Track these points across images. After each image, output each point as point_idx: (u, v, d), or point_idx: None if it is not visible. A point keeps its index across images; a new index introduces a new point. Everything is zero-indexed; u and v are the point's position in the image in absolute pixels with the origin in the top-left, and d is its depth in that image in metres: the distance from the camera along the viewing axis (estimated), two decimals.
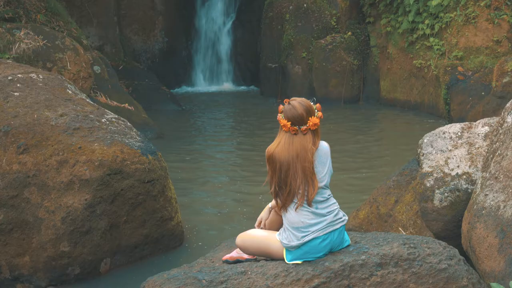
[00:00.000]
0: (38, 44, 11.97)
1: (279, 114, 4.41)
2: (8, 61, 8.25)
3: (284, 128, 4.37)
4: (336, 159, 4.49)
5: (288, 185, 4.35)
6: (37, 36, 12.12)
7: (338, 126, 14.97)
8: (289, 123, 4.35)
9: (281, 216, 4.59)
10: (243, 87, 21.89)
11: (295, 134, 4.35)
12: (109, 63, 15.45)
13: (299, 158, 4.32)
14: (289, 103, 4.41)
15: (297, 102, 4.40)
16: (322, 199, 4.40)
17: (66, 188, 6.36)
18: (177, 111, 16.96)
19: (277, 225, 4.70)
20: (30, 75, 7.52)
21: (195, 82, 21.88)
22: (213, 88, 21.65)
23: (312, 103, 4.46)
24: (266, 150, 4.43)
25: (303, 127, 4.35)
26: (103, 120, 7.06)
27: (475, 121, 6.38)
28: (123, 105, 13.51)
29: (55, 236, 6.27)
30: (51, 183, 6.38)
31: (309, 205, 4.36)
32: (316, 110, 4.43)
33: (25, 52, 11.79)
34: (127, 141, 6.82)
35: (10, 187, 6.33)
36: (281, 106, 4.44)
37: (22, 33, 12.02)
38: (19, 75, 7.44)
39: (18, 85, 7.25)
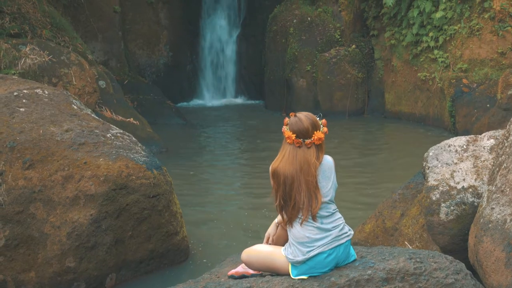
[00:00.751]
0: (43, 59, 12.02)
1: (284, 127, 4.42)
2: (14, 76, 8.28)
3: (288, 140, 4.37)
4: (340, 172, 4.47)
5: (293, 198, 4.34)
6: (42, 51, 12.18)
7: (343, 139, 14.96)
8: (294, 135, 4.35)
9: (287, 231, 4.58)
10: (247, 101, 21.92)
11: (299, 147, 4.35)
12: (114, 78, 15.49)
13: (302, 171, 4.32)
14: (295, 116, 4.42)
15: (304, 116, 4.41)
16: (327, 213, 4.39)
17: (71, 204, 6.37)
18: (182, 125, 16.98)
19: (283, 240, 4.68)
20: (35, 90, 7.54)
21: (200, 96, 21.92)
22: (218, 102, 21.69)
23: (318, 118, 4.47)
24: (270, 166, 4.42)
25: (308, 141, 4.35)
26: (108, 135, 7.06)
27: (480, 134, 6.37)
28: (128, 119, 13.53)
29: (60, 251, 6.26)
30: (56, 199, 6.38)
31: (314, 219, 4.35)
32: (321, 125, 4.43)
33: (30, 68, 11.84)
34: (132, 156, 6.83)
35: (16, 203, 6.33)
36: (287, 119, 4.44)
37: (27, 48, 12.07)
38: (25, 91, 7.46)
39: (24, 100, 7.27)
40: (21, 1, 13.24)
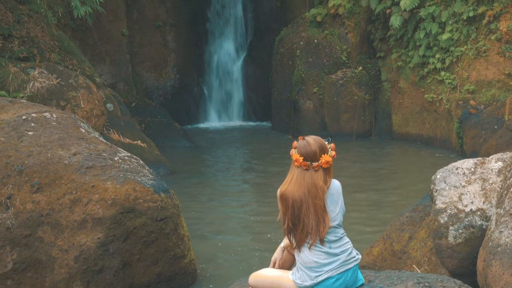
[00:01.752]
0: (52, 82, 12.08)
1: (292, 150, 4.43)
2: (22, 100, 8.33)
3: (296, 163, 4.37)
4: (348, 194, 4.47)
5: (301, 221, 4.33)
6: (51, 75, 12.25)
7: (350, 161, 14.94)
8: (301, 158, 4.36)
9: (293, 255, 4.56)
10: (254, 123, 21.96)
11: (306, 169, 4.35)
12: (122, 101, 15.56)
13: (310, 194, 4.32)
14: (303, 139, 4.43)
15: (312, 139, 4.42)
16: (335, 238, 4.37)
17: (79, 227, 6.37)
18: (189, 147, 17.01)
19: (289, 264, 4.67)
20: (44, 114, 7.58)
21: (207, 118, 21.98)
22: (225, 124, 21.74)
23: (326, 142, 4.47)
24: (278, 189, 4.42)
25: (315, 164, 4.36)
26: (115, 159, 7.08)
27: (488, 155, 6.36)
28: (135, 142, 13.57)
29: (68, 275, 6.26)
30: (64, 222, 6.39)
31: (322, 243, 4.33)
32: (330, 149, 4.44)
33: (39, 91, 11.90)
34: (139, 179, 6.84)
35: (24, 226, 6.34)
36: (295, 142, 4.45)
37: (36, 72, 12.15)
38: (33, 115, 7.50)
39: (32, 124, 7.30)
40: (30, 25, 13.35)
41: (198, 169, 14.51)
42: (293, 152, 4.41)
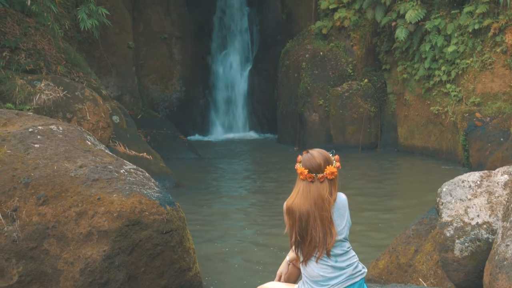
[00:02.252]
0: (58, 95, 12.13)
1: (297, 164, 4.44)
2: (29, 113, 8.36)
3: (301, 176, 4.38)
4: (353, 207, 4.46)
5: (309, 234, 4.33)
6: (57, 87, 12.30)
7: (355, 174, 14.92)
8: (306, 170, 4.37)
9: (299, 269, 4.55)
10: (260, 135, 21.97)
11: (311, 181, 4.36)
12: (128, 113, 15.60)
13: (317, 206, 4.32)
14: (308, 153, 4.44)
15: (316, 152, 4.43)
16: (341, 251, 4.37)
17: (84, 240, 6.37)
18: (195, 159, 17.02)
19: (294, 278, 4.66)
20: (50, 126, 7.60)
21: (213, 130, 22.01)
22: (231, 136, 21.76)
23: (331, 154, 4.48)
24: (284, 203, 4.42)
25: (320, 175, 4.36)
26: (121, 171, 7.09)
27: (494, 168, 6.35)
28: (141, 154, 13.59)
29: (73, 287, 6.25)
30: (70, 235, 6.39)
31: (328, 255, 4.33)
32: (334, 161, 4.45)
33: (45, 103, 11.95)
34: (145, 192, 6.84)
35: (30, 239, 6.34)
36: (300, 157, 4.46)
37: (42, 84, 12.20)
38: (40, 127, 7.52)
39: (39, 136, 7.32)
40: (36, 38, 13.42)
41: (204, 181, 14.51)
42: (298, 166, 4.43)
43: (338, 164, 4.45)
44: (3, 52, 12.61)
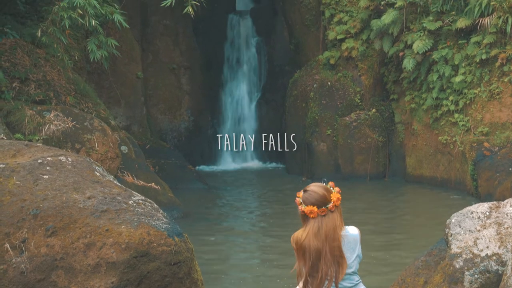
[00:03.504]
0: (67, 125, 12.20)
1: (299, 206, 4.34)
2: (38, 144, 8.40)
3: (312, 215, 4.31)
4: (362, 237, 4.42)
5: (320, 270, 4.30)
6: (66, 117, 12.38)
7: (363, 203, 14.88)
8: (315, 207, 4.32)
9: None
10: (268, 165, 21.97)
11: (324, 215, 4.32)
12: (136, 143, 15.65)
13: (327, 239, 4.29)
14: (305, 191, 4.38)
15: (313, 186, 4.38)
16: (350, 285, 4.35)
17: (93, 271, 6.36)
18: (203, 189, 17.02)
19: None
20: (59, 158, 7.62)
21: (221, 160, 22.02)
22: (239, 165, 21.76)
23: (323, 184, 4.43)
24: (294, 239, 4.35)
25: (330, 205, 4.34)
26: (130, 202, 7.09)
27: (503, 198, 6.33)
28: (149, 184, 13.61)
29: None
30: (78, 266, 6.38)
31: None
32: (331, 187, 4.40)
33: (54, 134, 12.02)
34: (153, 223, 6.84)
35: (38, 270, 6.34)
36: (297, 199, 4.37)
37: (52, 115, 12.28)
38: (49, 158, 7.55)
39: (48, 168, 7.35)
40: (46, 69, 13.54)
41: (212, 211, 14.50)
42: (303, 207, 4.35)
43: (337, 188, 4.42)
44: (13, 83, 12.73)
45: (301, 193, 4.36)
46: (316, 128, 18.69)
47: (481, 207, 6.14)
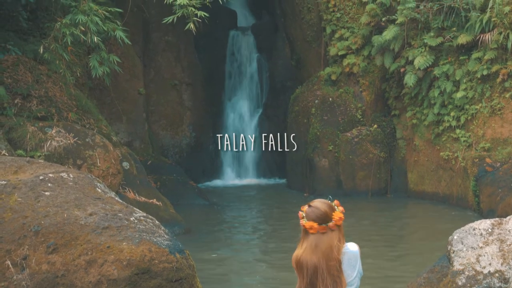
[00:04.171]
0: (69, 141, 12.22)
1: (301, 220, 4.34)
2: (40, 160, 8.41)
3: (311, 231, 4.31)
4: (363, 253, 4.40)
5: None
6: (68, 134, 12.39)
7: (365, 220, 14.85)
8: (316, 223, 4.31)
9: None
10: (270, 180, 21.95)
11: (323, 233, 4.31)
12: (138, 159, 15.65)
13: (324, 257, 4.27)
14: (309, 206, 4.37)
15: (317, 202, 4.37)
16: None
17: None
18: (205, 205, 17.00)
19: None
20: (61, 174, 7.63)
21: (223, 176, 22.01)
22: (241, 181, 21.74)
23: (329, 201, 4.43)
24: (293, 257, 4.36)
25: (331, 224, 4.32)
26: (131, 219, 7.09)
27: (506, 214, 6.33)
28: (151, 200, 13.60)
29: None
30: (79, 283, 6.37)
31: None
32: (335, 206, 4.39)
33: (56, 150, 12.03)
34: (155, 240, 6.83)
35: None
36: (300, 213, 4.37)
37: (53, 131, 12.30)
38: (50, 175, 7.55)
39: (49, 184, 7.35)
40: (48, 85, 13.58)
41: (214, 227, 14.47)
42: (304, 221, 4.35)
43: (341, 208, 4.41)
44: (15, 99, 12.75)
45: (305, 207, 4.36)
46: (317, 144, 18.69)
47: (483, 224, 6.13)
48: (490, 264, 5.71)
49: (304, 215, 4.35)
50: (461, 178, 15.87)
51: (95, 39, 12.24)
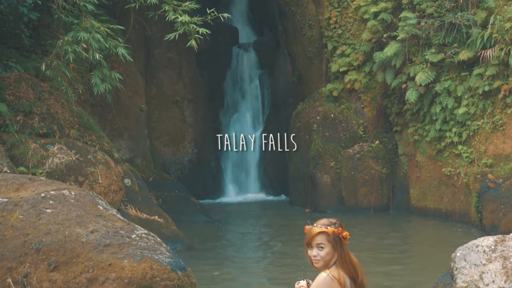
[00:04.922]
0: (70, 158, 12.22)
1: (339, 232, 4.04)
2: (41, 178, 8.41)
3: (346, 240, 4.08)
4: (365, 270, 4.30)
5: None
6: (70, 150, 12.39)
7: (368, 236, 14.80)
8: (344, 230, 4.14)
9: None
10: (272, 197, 21.91)
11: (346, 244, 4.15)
12: (139, 175, 15.65)
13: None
14: (317, 222, 4.21)
15: (319, 222, 4.19)
16: None
17: None
18: (207, 222, 16.96)
19: None
20: (62, 191, 7.62)
21: (225, 192, 21.98)
22: (242, 198, 21.71)
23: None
24: (336, 275, 4.05)
25: (345, 233, 4.14)
26: (133, 236, 7.07)
27: (508, 230, 6.31)
28: (153, 217, 13.57)
29: None
30: None
31: None
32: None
33: (58, 167, 12.03)
34: (156, 257, 6.81)
35: None
36: (335, 229, 4.06)
37: (55, 148, 12.30)
38: (52, 192, 7.55)
39: (51, 202, 7.35)
40: (50, 102, 13.60)
41: (215, 244, 14.43)
42: (342, 232, 4.06)
43: (346, 232, 4.23)
44: (17, 116, 12.77)
45: (307, 228, 4.16)
46: (319, 160, 18.67)
47: (486, 241, 6.10)
48: (493, 281, 5.68)
49: (338, 225, 4.11)
50: (464, 194, 15.83)
51: (97, 56, 12.27)
